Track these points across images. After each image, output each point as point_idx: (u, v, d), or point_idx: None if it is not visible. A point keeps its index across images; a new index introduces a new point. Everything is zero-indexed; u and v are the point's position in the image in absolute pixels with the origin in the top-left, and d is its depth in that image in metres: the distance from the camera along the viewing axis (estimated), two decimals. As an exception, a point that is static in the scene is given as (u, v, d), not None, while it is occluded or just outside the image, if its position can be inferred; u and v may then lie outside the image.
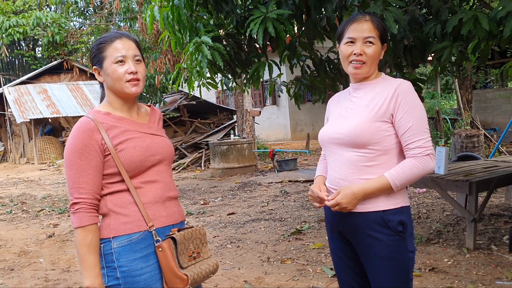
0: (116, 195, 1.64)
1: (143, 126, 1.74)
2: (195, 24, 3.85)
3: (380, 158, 1.76)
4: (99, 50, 1.68)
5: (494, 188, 4.31)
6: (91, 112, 1.70)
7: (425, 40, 3.47)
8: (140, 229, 1.63)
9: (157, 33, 8.64)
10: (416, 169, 1.71)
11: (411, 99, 1.74)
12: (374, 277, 1.79)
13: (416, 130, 1.72)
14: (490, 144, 10.45)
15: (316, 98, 4.90)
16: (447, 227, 4.93)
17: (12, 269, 4.51)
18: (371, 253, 1.77)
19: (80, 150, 1.60)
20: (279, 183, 8.95)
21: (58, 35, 9.11)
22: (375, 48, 1.76)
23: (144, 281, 1.61)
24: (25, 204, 8.48)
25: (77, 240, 1.58)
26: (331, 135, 1.86)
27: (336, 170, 1.84)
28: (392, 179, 1.71)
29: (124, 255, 1.60)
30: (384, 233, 1.74)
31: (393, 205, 1.75)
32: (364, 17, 1.78)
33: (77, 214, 1.58)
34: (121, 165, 1.62)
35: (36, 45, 26.69)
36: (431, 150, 1.73)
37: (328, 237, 2.00)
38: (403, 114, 1.72)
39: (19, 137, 19.05)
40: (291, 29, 3.59)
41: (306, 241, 4.78)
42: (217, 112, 15.57)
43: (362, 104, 1.81)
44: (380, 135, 1.74)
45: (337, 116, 1.91)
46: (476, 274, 3.55)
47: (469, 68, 12.00)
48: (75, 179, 1.60)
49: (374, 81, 1.83)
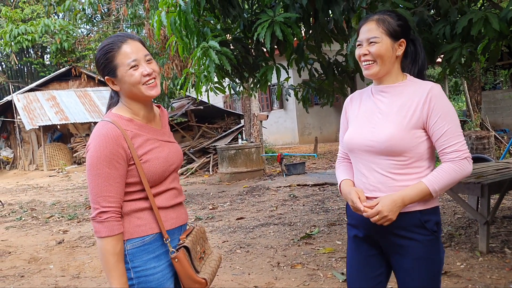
0: (132, 202, 1.66)
1: (160, 133, 1.75)
2: (202, 29, 3.85)
3: (414, 164, 1.74)
4: (107, 59, 1.65)
5: (506, 190, 4.25)
6: (112, 117, 1.67)
7: (434, 42, 3.43)
8: (153, 231, 1.67)
9: (164, 39, 8.67)
10: (454, 173, 1.68)
11: (444, 103, 1.71)
12: (406, 278, 1.76)
13: (451, 134, 1.69)
14: (500, 145, 10.34)
15: (324, 102, 4.88)
16: (459, 230, 4.86)
17: (23, 275, 4.52)
18: (406, 254, 1.75)
19: (108, 158, 1.58)
20: (288, 187, 8.91)
21: (66, 42, 9.16)
22: (379, 46, 1.73)
23: (157, 280, 1.65)
24: (34, 211, 8.52)
25: (106, 249, 1.57)
26: (362, 142, 1.79)
27: (368, 177, 1.80)
28: (431, 185, 1.68)
29: (138, 256, 1.64)
30: (420, 233, 1.73)
31: (429, 205, 1.74)
32: (372, 17, 1.77)
33: (106, 223, 1.57)
34: (144, 176, 1.64)
35: (44, 53, 26.95)
36: (468, 153, 1.71)
37: (350, 241, 1.93)
38: (437, 119, 1.69)
39: (28, 144, 19.19)
40: (299, 32, 3.58)
41: (316, 246, 4.74)
42: (224, 117, 15.59)
43: (393, 109, 1.76)
44: (415, 142, 1.72)
45: (363, 119, 1.84)
46: (490, 278, 3.50)
47: (478, 69, 11.91)
48: (103, 187, 1.58)
49: (401, 84, 1.78)
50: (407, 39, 1.78)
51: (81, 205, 8.87)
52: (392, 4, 3.03)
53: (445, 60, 3.37)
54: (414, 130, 1.71)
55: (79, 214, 7.82)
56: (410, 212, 1.72)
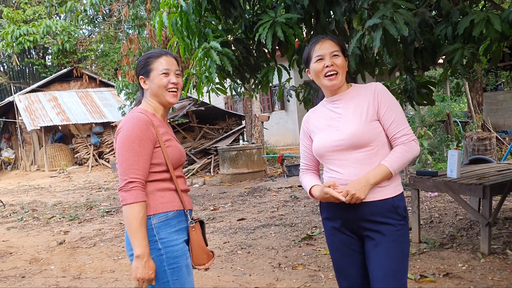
0: (155, 182, 1.91)
1: (172, 131, 2.07)
2: (203, 30, 3.84)
3: (380, 152, 1.98)
4: (147, 63, 2.00)
5: (508, 192, 4.23)
6: (140, 110, 1.96)
7: (436, 43, 3.42)
8: (174, 208, 1.92)
9: (166, 40, 8.67)
10: (407, 153, 1.96)
11: (389, 96, 2.01)
12: (382, 261, 1.93)
13: (398, 122, 1.98)
14: (502, 146, 10.32)
15: (326, 102, 4.86)
16: (461, 232, 4.85)
17: (24, 276, 4.52)
18: (382, 238, 1.94)
19: (139, 138, 1.85)
20: (289, 188, 8.90)
21: (68, 43, 9.17)
22: (342, 59, 2.00)
23: (180, 249, 1.90)
24: (36, 211, 8.52)
25: (131, 215, 1.79)
26: (331, 144, 2.01)
27: (344, 173, 1.99)
28: (390, 165, 1.93)
29: (163, 229, 1.88)
30: (393, 218, 1.95)
31: (398, 191, 1.99)
32: (325, 37, 2.04)
33: (132, 191, 1.81)
34: (168, 158, 1.92)
35: (46, 54, 26.97)
36: (414, 136, 2.00)
37: (329, 234, 2.12)
38: (385, 110, 1.98)
39: (30, 144, 19.20)
40: (300, 33, 3.57)
41: (317, 247, 4.74)
42: (225, 118, 15.58)
43: (349, 111, 2.01)
44: (376, 132, 1.97)
45: (326, 128, 2.07)
46: (492, 280, 3.49)
47: (480, 70, 11.89)
48: (133, 161, 1.83)
49: (350, 90, 2.06)
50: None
51: (82, 205, 8.87)
52: (393, 5, 3.02)
53: (446, 61, 3.36)
54: (372, 122, 1.97)
55: (80, 214, 7.82)
56: (383, 199, 1.94)
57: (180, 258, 1.89)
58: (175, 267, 1.87)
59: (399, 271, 1.94)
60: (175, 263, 1.87)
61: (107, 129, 18.56)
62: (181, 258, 1.89)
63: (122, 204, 1.82)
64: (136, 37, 10.02)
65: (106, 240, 5.82)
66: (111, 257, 4.98)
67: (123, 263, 4.71)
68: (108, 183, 12.80)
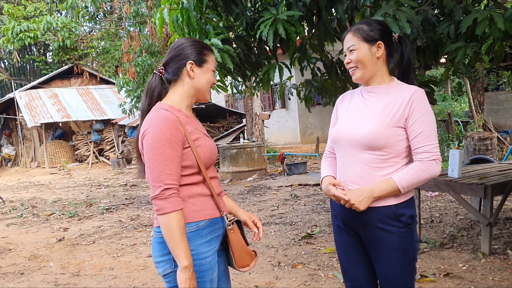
0: (186, 187, 1.77)
1: (201, 127, 1.90)
2: (204, 27, 3.81)
3: (391, 160, 1.86)
4: (202, 52, 1.85)
5: (509, 192, 4.22)
6: (165, 106, 1.78)
7: (438, 41, 3.40)
8: (206, 217, 1.78)
9: (167, 37, 8.65)
10: (422, 173, 1.81)
11: (424, 106, 1.84)
12: (383, 267, 1.89)
13: (426, 136, 1.82)
14: (503, 147, 10.30)
15: (327, 101, 4.84)
16: (461, 231, 4.84)
17: (22, 273, 4.51)
18: (382, 245, 1.87)
19: (169, 140, 1.70)
20: (289, 187, 8.89)
21: (69, 39, 9.14)
22: (358, 53, 1.89)
23: (208, 263, 1.78)
24: (35, 208, 8.51)
25: (172, 224, 1.66)
26: (348, 136, 1.92)
27: (349, 169, 1.93)
28: (400, 182, 1.81)
29: (193, 240, 1.74)
30: (395, 225, 1.85)
31: (403, 198, 1.86)
32: (350, 29, 1.95)
33: (170, 199, 1.67)
34: (199, 159, 1.77)
35: (47, 50, 26.98)
36: (437, 155, 1.83)
37: (335, 232, 2.08)
38: (415, 120, 1.82)
39: (30, 141, 19.21)
40: (302, 30, 3.54)
41: (317, 245, 4.72)
42: (226, 116, 15.56)
43: (378, 108, 1.89)
44: (395, 139, 1.84)
45: (351, 116, 1.98)
46: (493, 280, 3.47)
47: (481, 70, 11.86)
48: (166, 166, 1.68)
49: (387, 86, 1.93)
50: (386, 41, 1.92)
51: (82, 202, 8.86)
52: (396, 3, 3.00)
53: (449, 60, 3.34)
54: (395, 128, 1.84)
55: (80, 211, 7.81)
56: (386, 206, 1.84)
57: (206, 273, 1.78)
58: (199, 281, 1.75)
59: (401, 278, 1.88)
60: (199, 277, 1.75)
61: (108, 126, 18.55)
62: (207, 273, 1.78)
63: (159, 214, 1.68)
64: (137, 34, 10.00)
65: (106, 237, 5.81)
66: (110, 255, 4.97)
67: (122, 261, 4.70)
68: (108, 180, 12.80)
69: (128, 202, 8.64)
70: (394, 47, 1.96)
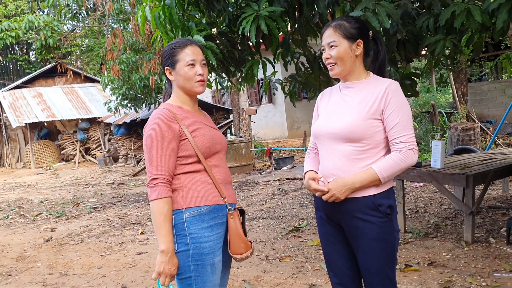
0: (189, 174, 1.91)
1: (204, 119, 2.04)
2: (187, 23, 3.81)
3: (370, 151, 1.92)
4: (172, 53, 1.96)
5: (491, 181, 4.31)
6: (166, 105, 1.96)
7: (418, 34, 3.44)
8: (208, 203, 1.89)
9: (150, 34, 8.60)
10: (401, 162, 1.87)
11: (399, 98, 1.90)
12: (364, 257, 1.93)
13: (402, 126, 1.88)
14: (486, 136, 10.46)
15: (311, 95, 4.87)
16: (445, 221, 4.93)
17: (10, 274, 4.49)
18: (362, 235, 1.91)
19: (161, 134, 1.85)
20: (277, 181, 8.94)
21: (51, 38, 9.04)
22: (338, 49, 1.93)
23: (209, 247, 1.87)
24: (22, 209, 8.44)
25: (155, 210, 1.82)
26: (327, 130, 1.98)
27: (329, 162, 1.98)
28: (380, 172, 1.87)
29: (194, 224, 1.86)
30: (374, 215, 1.90)
31: (382, 189, 1.92)
32: (330, 24, 1.99)
33: (156, 187, 1.82)
34: (197, 148, 1.90)
35: (30, 49, 26.62)
36: (414, 145, 1.90)
37: (318, 224, 2.13)
38: (391, 111, 1.88)
39: (15, 141, 18.98)
40: (284, 26, 3.56)
41: (305, 238, 4.77)
42: (213, 112, 15.55)
43: (355, 102, 1.95)
44: (372, 131, 1.90)
45: (330, 111, 2.04)
46: (475, 267, 3.55)
47: (464, 61, 12.00)
48: (155, 158, 1.84)
49: (364, 81, 1.99)
50: (365, 39, 1.98)
51: (69, 202, 8.80)
52: (375, -3, 3.03)
53: (429, 52, 3.39)
54: (371, 120, 1.90)
55: (67, 211, 7.76)
56: (365, 196, 1.90)
57: (207, 256, 1.87)
58: (199, 264, 1.86)
59: (382, 268, 1.92)
60: (200, 260, 1.86)
61: (93, 124, 18.41)
62: (207, 256, 1.87)
63: (149, 200, 1.85)
64: (120, 32, 9.93)
65: (94, 236, 5.79)
66: (98, 253, 4.96)
67: (110, 259, 4.70)
68: (95, 179, 12.72)
69: (116, 200, 8.61)
70: (370, 45, 2.01)
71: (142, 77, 11.36)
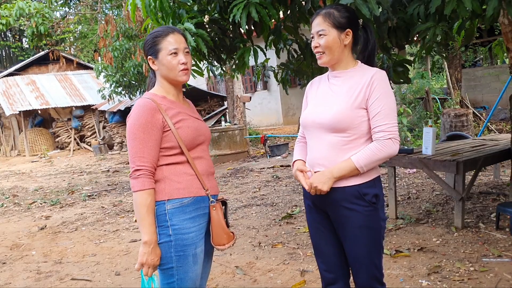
0: (171, 166, 1.90)
1: (189, 110, 2.03)
2: (177, 11, 3.78)
3: (356, 141, 1.92)
4: (154, 42, 1.94)
5: (481, 167, 4.34)
6: (149, 95, 1.94)
7: (409, 21, 3.44)
8: (190, 195, 1.90)
9: (142, 21, 8.53)
10: (378, 152, 1.87)
11: (384, 86, 1.89)
12: (351, 245, 1.97)
13: (383, 115, 1.87)
14: (479, 122, 10.51)
15: (304, 83, 4.87)
16: (436, 207, 4.98)
17: (4, 262, 4.51)
18: (348, 224, 1.94)
19: (143, 125, 1.84)
20: (271, 169, 8.97)
21: (42, 25, 8.95)
22: (327, 38, 1.92)
23: (191, 238, 1.89)
24: (16, 197, 8.45)
25: (138, 202, 1.82)
26: (314, 119, 1.99)
27: (317, 151, 1.99)
28: (357, 161, 1.88)
29: (176, 215, 1.87)
30: (360, 204, 1.91)
31: (367, 178, 1.93)
32: (320, 12, 1.96)
33: (138, 179, 1.82)
34: (180, 140, 1.89)
35: (22, 36, 26.36)
36: (394, 135, 1.87)
37: (306, 211, 2.16)
38: (374, 100, 1.88)
39: (9, 129, 18.89)
40: (275, 13, 3.54)
41: (297, 225, 4.81)
42: (207, 99, 15.51)
43: (342, 91, 1.95)
44: (358, 121, 1.90)
45: (318, 100, 2.05)
46: (464, 252, 3.60)
47: (457, 47, 11.99)
48: (138, 149, 1.84)
49: (352, 70, 1.98)
50: (354, 29, 1.96)
51: (63, 190, 8.81)
52: (366, -16, 3.01)
53: (421, 39, 3.39)
54: (358, 109, 1.89)
55: (61, 199, 7.78)
56: (350, 186, 1.91)
57: (189, 247, 1.88)
58: (181, 254, 1.87)
59: (369, 256, 1.95)
60: (182, 251, 1.87)
61: (88, 112, 18.33)
62: (189, 247, 1.88)
63: (132, 191, 1.85)
64: (112, 18, 9.83)
65: (88, 224, 5.82)
66: (92, 241, 4.99)
67: (104, 247, 4.73)
68: (90, 167, 12.72)
69: (111, 188, 8.62)
70: (360, 34, 2.00)
71: (135, 64, 11.29)
